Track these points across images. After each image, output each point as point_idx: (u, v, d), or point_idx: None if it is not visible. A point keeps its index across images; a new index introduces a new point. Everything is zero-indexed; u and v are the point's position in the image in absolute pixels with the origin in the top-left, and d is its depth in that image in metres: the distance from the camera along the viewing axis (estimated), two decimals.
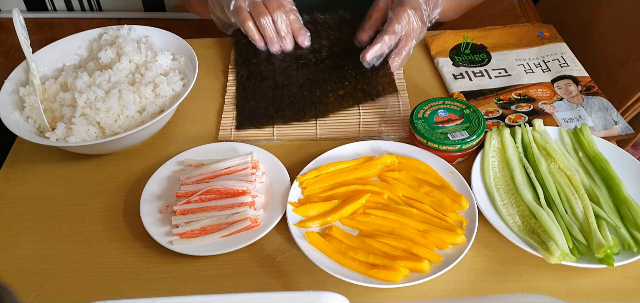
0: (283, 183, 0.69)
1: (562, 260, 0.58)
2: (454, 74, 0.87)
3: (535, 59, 0.90)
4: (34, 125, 0.76)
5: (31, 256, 0.65)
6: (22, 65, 0.81)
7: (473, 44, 0.93)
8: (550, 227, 0.61)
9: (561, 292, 0.59)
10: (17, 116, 0.75)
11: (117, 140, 0.71)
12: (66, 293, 0.61)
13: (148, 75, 0.79)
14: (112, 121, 0.74)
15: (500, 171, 0.71)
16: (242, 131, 0.79)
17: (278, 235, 0.65)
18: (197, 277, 0.62)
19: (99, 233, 0.67)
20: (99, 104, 0.73)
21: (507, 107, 0.81)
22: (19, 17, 0.79)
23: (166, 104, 0.78)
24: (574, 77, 0.85)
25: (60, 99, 0.77)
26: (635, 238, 0.61)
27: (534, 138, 0.73)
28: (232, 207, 0.65)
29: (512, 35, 0.95)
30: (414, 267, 0.59)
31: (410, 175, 0.70)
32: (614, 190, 0.66)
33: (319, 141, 0.78)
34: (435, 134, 0.71)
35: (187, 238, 0.63)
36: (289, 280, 0.61)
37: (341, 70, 0.86)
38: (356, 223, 0.65)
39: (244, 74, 0.88)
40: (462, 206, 0.65)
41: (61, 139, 0.72)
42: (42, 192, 0.73)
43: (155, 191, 0.69)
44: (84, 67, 0.83)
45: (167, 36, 0.87)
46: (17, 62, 0.81)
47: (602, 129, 0.77)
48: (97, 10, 2.25)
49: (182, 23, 2.15)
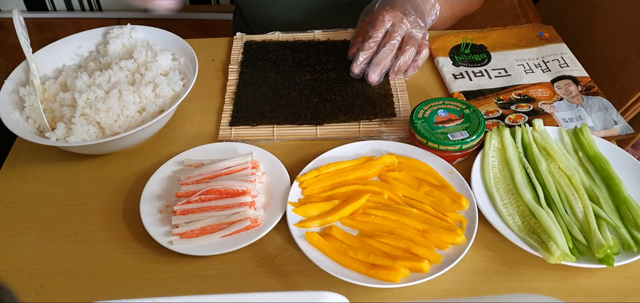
0: (283, 183, 0.69)
1: (562, 260, 0.58)
2: (454, 74, 0.87)
3: (535, 59, 0.90)
4: (34, 125, 0.76)
5: (31, 256, 0.65)
6: (22, 65, 0.81)
7: (473, 44, 0.93)
8: (550, 227, 0.61)
9: (561, 292, 0.59)
10: (17, 116, 0.75)
11: (117, 140, 0.71)
12: (66, 293, 0.61)
13: (148, 75, 0.79)
14: (112, 121, 0.74)
15: (500, 171, 0.71)
16: (242, 131, 0.79)
17: (278, 235, 0.65)
18: (197, 277, 0.62)
19: (99, 233, 0.67)
20: (99, 104, 0.73)
21: (507, 107, 0.81)
22: (19, 17, 0.79)
23: (166, 104, 0.78)
24: (574, 78, 0.85)
25: (60, 99, 0.77)
26: (635, 238, 0.61)
27: (534, 138, 0.73)
28: (232, 207, 0.65)
29: (512, 35, 0.95)
30: (414, 266, 0.59)
31: (410, 175, 0.70)
32: (614, 189, 0.66)
33: (319, 141, 0.78)
34: (435, 134, 0.71)
35: (187, 238, 0.63)
36: (289, 280, 0.61)
37: (343, 84, 0.86)
38: (356, 223, 0.65)
39: (248, 73, 0.89)
40: (462, 206, 0.65)
41: (61, 139, 0.72)
42: (42, 192, 0.73)
43: (155, 191, 0.69)
44: (84, 67, 0.83)
45: (167, 36, 0.87)
46: (17, 62, 0.81)
47: (602, 129, 0.77)
48: (97, 10, 2.25)
49: (182, 23, 2.15)
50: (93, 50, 0.88)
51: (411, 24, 0.85)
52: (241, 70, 0.90)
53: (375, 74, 0.84)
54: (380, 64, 0.84)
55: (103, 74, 0.78)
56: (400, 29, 0.84)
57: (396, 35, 0.84)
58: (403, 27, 0.84)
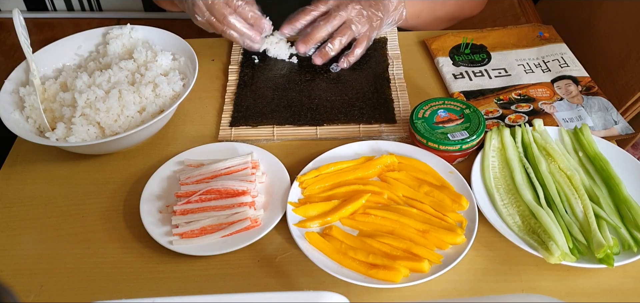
0: (283, 183, 0.69)
1: (562, 260, 0.58)
2: (454, 74, 0.87)
3: (535, 59, 0.90)
4: (34, 125, 0.76)
5: (31, 256, 0.65)
6: (22, 65, 0.81)
7: (473, 44, 0.93)
8: (550, 227, 0.61)
9: (561, 292, 0.59)
10: (17, 116, 0.75)
11: (117, 140, 0.71)
12: (66, 293, 0.61)
13: (148, 75, 0.79)
14: (112, 121, 0.74)
15: (500, 171, 0.71)
16: (242, 131, 0.79)
17: (278, 235, 0.65)
18: (197, 277, 0.62)
19: (99, 233, 0.67)
20: (99, 104, 0.73)
21: (507, 107, 0.81)
22: (19, 17, 0.79)
23: (166, 104, 0.78)
24: (574, 78, 0.85)
25: (60, 99, 0.77)
26: (635, 238, 0.61)
27: (534, 138, 0.73)
28: (232, 207, 0.65)
29: (512, 35, 0.95)
30: (414, 266, 0.59)
31: (410, 175, 0.70)
32: (614, 190, 0.66)
33: (319, 141, 0.78)
34: (435, 134, 0.71)
35: (187, 238, 0.63)
36: (289, 280, 0.61)
37: (344, 84, 0.86)
38: (356, 223, 0.65)
39: (248, 74, 0.89)
40: (462, 206, 0.65)
41: (61, 139, 0.72)
42: (42, 192, 0.73)
43: (155, 191, 0.69)
44: (84, 67, 0.83)
45: (167, 36, 0.87)
46: (17, 62, 0.81)
47: (602, 129, 0.77)
48: (97, 10, 2.25)
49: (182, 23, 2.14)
50: (93, 50, 0.88)
51: (357, 13, 0.82)
52: (241, 70, 0.90)
53: (303, 46, 0.83)
54: (311, 37, 0.82)
55: (103, 74, 0.78)
56: (342, 12, 0.81)
57: (335, 17, 0.81)
58: (345, 13, 0.81)
